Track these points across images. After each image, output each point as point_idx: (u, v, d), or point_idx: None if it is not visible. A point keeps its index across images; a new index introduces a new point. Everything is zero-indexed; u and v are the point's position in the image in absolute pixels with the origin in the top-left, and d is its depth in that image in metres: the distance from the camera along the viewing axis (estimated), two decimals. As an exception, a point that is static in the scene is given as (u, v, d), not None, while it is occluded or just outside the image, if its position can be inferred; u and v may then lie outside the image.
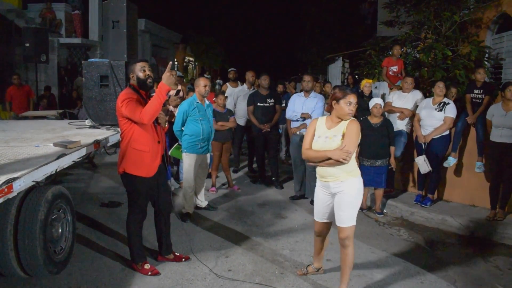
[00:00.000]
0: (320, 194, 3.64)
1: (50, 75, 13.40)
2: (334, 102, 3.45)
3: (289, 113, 6.42)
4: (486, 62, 7.21)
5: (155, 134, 3.86)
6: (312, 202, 5.98)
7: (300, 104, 6.25)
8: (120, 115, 3.73)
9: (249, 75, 8.02)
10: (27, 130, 5.29)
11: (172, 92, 6.87)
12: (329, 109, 3.56)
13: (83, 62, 5.57)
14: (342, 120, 3.45)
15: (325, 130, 3.49)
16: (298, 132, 6.25)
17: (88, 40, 15.01)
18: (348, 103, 3.38)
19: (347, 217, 3.45)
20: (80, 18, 15.05)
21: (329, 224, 3.76)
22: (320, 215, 3.71)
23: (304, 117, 6.18)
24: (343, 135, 3.39)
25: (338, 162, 3.32)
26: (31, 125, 5.92)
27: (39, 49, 10.30)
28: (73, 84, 13.35)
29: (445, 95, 5.83)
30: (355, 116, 3.50)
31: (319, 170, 3.53)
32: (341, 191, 3.45)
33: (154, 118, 3.73)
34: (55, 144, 4.03)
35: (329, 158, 3.34)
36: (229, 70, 8.67)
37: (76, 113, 9.50)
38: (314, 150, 3.46)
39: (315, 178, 3.64)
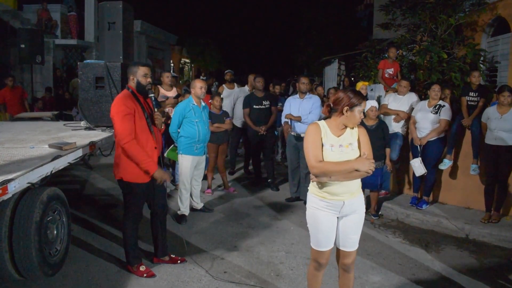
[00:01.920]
0: (327, 217, 2.99)
1: (46, 76, 13.37)
2: (346, 108, 2.86)
3: (283, 118, 6.43)
4: (481, 65, 7.24)
5: (153, 141, 3.82)
6: (306, 203, 5.96)
7: (296, 106, 6.24)
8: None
9: (251, 78, 8.00)
10: (22, 131, 5.28)
11: (172, 94, 6.90)
12: (327, 112, 3.03)
13: (78, 63, 5.55)
14: (347, 127, 2.96)
15: (334, 138, 2.92)
16: (292, 133, 6.25)
17: (83, 41, 14.98)
18: (362, 111, 2.89)
19: (357, 240, 3.07)
20: (76, 19, 15.01)
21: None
22: (328, 242, 3.04)
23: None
24: (358, 143, 2.96)
25: (363, 174, 2.82)
26: (26, 126, 5.90)
27: (34, 50, 10.26)
28: (69, 85, 13.31)
29: (440, 97, 5.85)
30: None
31: (331, 188, 2.91)
32: (354, 211, 2.99)
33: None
34: (51, 146, 4.02)
35: (354, 171, 2.82)
36: (226, 71, 8.66)
37: (74, 114, 9.45)
38: (335, 163, 2.84)
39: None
